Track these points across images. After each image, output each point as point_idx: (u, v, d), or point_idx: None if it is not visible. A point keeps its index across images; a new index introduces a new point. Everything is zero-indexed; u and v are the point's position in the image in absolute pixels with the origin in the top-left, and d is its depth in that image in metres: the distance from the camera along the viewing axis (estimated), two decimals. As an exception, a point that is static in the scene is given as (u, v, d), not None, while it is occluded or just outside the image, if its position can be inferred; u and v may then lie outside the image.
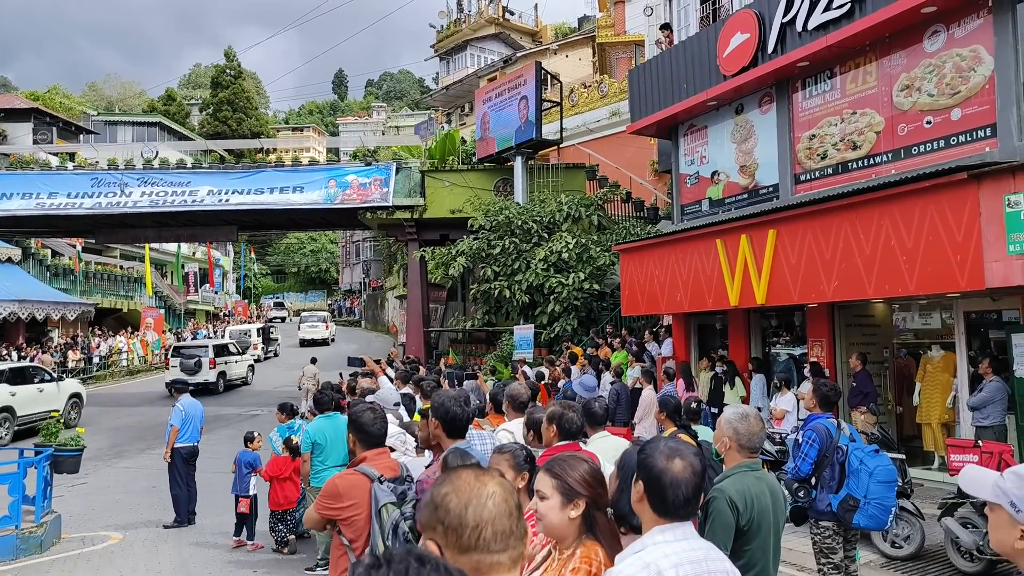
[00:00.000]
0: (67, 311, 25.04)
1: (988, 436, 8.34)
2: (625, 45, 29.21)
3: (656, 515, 2.23)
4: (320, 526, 4.16)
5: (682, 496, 2.21)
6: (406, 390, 9.36)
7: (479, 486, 1.63)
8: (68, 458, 9.85)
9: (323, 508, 3.95)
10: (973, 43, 9.08)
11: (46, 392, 18.42)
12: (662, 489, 2.22)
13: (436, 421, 4.00)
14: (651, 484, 2.24)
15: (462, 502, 1.61)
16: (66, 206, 24.24)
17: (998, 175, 7.78)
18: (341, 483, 3.95)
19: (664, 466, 2.24)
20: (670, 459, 2.25)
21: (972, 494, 1.97)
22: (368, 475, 3.87)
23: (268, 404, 21.22)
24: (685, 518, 2.23)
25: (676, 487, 2.21)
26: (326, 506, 3.93)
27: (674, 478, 2.22)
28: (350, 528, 3.87)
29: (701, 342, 14.33)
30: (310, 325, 43.06)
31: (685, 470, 2.23)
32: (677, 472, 2.22)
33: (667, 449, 2.29)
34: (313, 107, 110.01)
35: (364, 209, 23.57)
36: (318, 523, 4.13)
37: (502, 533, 1.60)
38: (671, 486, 2.21)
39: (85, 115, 50.14)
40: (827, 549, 5.35)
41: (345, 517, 3.87)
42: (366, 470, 3.93)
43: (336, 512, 3.89)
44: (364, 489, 3.84)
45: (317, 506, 4.01)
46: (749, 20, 11.79)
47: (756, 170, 12.52)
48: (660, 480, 2.22)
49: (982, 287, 7.86)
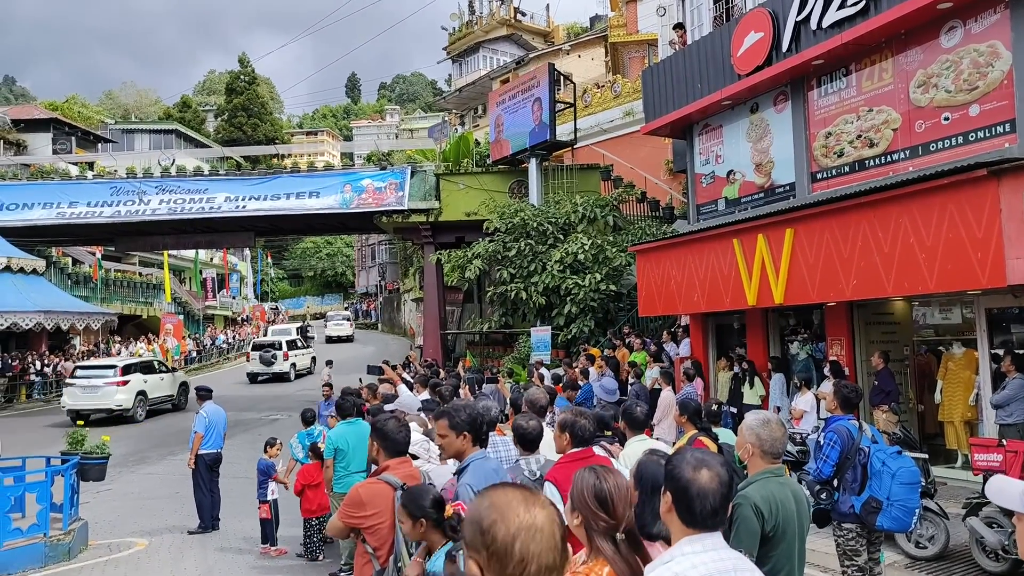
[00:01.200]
0: (91, 320, 25.44)
1: (1012, 434, 8.27)
2: (638, 44, 29.14)
3: (684, 526, 2.25)
4: (344, 534, 4.20)
5: (710, 507, 2.23)
6: (425, 395, 9.41)
7: (528, 518, 1.62)
8: (94, 466, 10.01)
9: (347, 517, 4.00)
10: (990, 38, 9.01)
11: (165, 380, 23.07)
12: (690, 500, 2.23)
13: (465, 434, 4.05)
14: (679, 495, 2.26)
15: (510, 532, 1.61)
16: (86, 215, 24.56)
17: (1018, 171, 7.71)
18: (364, 492, 3.99)
19: (691, 477, 2.26)
20: (697, 470, 2.27)
21: (999, 504, 1.98)
22: (391, 484, 3.92)
23: (288, 408, 21.36)
24: (713, 528, 2.25)
25: (704, 498, 2.22)
26: (350, 515, 3.98)
27: (701, 489, 2.23)
28: (374, 536, 3.92)
29: (719, 342, 14.28)
30: (336, 324, 46.97)
31: (712, 480, 2.25)
32: (704, 483, 2.24)
33: (694, 460, 2.31)
34: (327, 111, 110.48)
35: (380, 213, 23.70)
36: (342, 531, 4.17)
37: (547, 567, 1.61)
38: (699, 497, 2.22)
39: (103, 124, 50.69)
40: (851, 551, 5.34)
41: (369, 526, 3.91)
42: (389, 479, 3.98)
43: (360, 520, 3.94)
44: (387, 498, 3.88)
45: (341, 515, 4.06)
46: (763, 19, 11.75)
47: (772, 169, 12.48)
48: (688, 491, 2.24)
49: (1003, 284, 7.79)
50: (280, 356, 30.06)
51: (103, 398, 20.47)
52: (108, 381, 20.61)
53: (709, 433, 5.90)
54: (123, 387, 20.72)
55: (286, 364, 30.17)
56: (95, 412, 20.56)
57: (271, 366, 29.81)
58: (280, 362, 29.96)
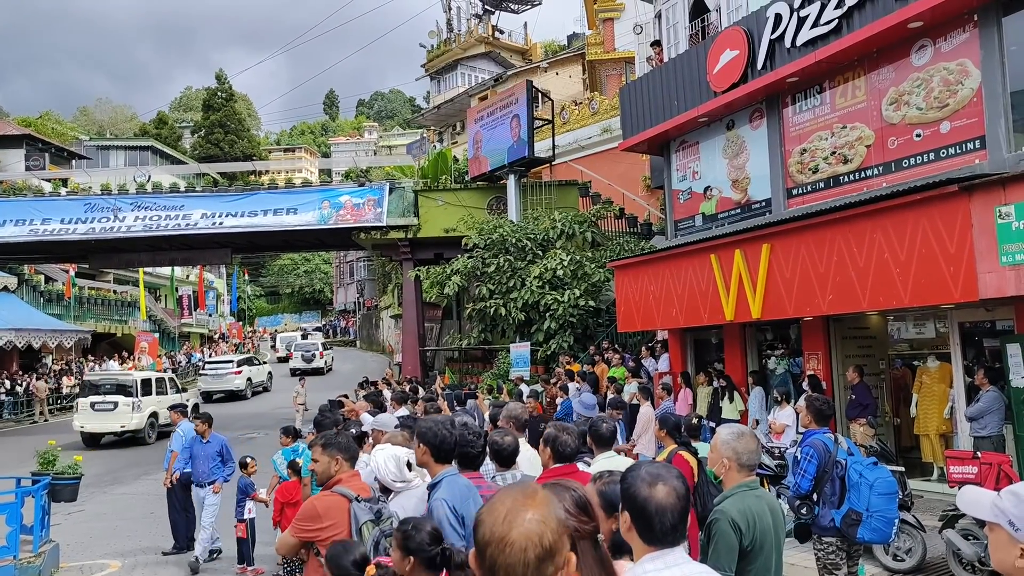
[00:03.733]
0: (63, 339, 25.07)
1: (986, 446, 8.36)
2: (615, 62, 29.41)
3: (644, 544, 2.20)
4: (295, 551, 4.13)
5: (669, 522, 2.18)
6: (402, 411, 9.35)
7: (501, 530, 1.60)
8: (66, 486, 9.79)
9: (302, 531, 3.97)
10: (960, 57, 9.19)
11: (259, 369, 32.86)
12: (648, 517, 2.18)
13: (424, 447, 4.01)
14: (637, 513, 2.21)
15: (484, 539, 1.60)
16: (60, 232, 24.22)
17: (988, 187, 7.85)
18: (320, 504, 3.98)
19: (648, 494, 2.20)
20: (652, 486, 2.22)
21: (971, 514, 1.99)
22: (346, 496, 3.92)
23: (264, 427, 21.14)
24: (674, 544, 2.20)
25: (662, 513, 2.18)
26: (305, 528, 3.95)
27: (659, 505, 2.18)
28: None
29: (697, 357, 14.35)
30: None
31: (669, 495, 2.20)
32: (661, 498, 2.19)
33: (648, 476, 2.25)
34: (305, 127, 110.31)
35: (358, 229, 23.62)
36: (294, 548, 4.11)
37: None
38: (657, 513, 2.18)
39: (77, 140, 50.22)
40: (831, 565, 5.35)
41: (325, 538, 3.89)
42: (343, 491, 3.97)
43: (315, 533, 3.91)
44: (343, 509, 3.88)
45: (295, 530, 4.02)
46: (738, 37, 11.91)
47: (748, 185, 12.60)
48: (645, 508, 2.19)
49: (976, 298, 7.91)
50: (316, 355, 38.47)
51: (227, 383, 29.93)
52: (230, 371, 30.40)
53: (689, 448, 5.90)
54: (238, 375, 30.36)
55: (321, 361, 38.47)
56: (220, 392, 29.91)
57: (310, 363, 37.52)
58: (317, 360, 38.27)
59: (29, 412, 26.64)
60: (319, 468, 4.18)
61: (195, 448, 9.77)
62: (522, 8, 47.37)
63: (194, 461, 9.70)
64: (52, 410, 27.60)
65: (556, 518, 1.66)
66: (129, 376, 21.05)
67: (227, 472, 9.65)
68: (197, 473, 9.64)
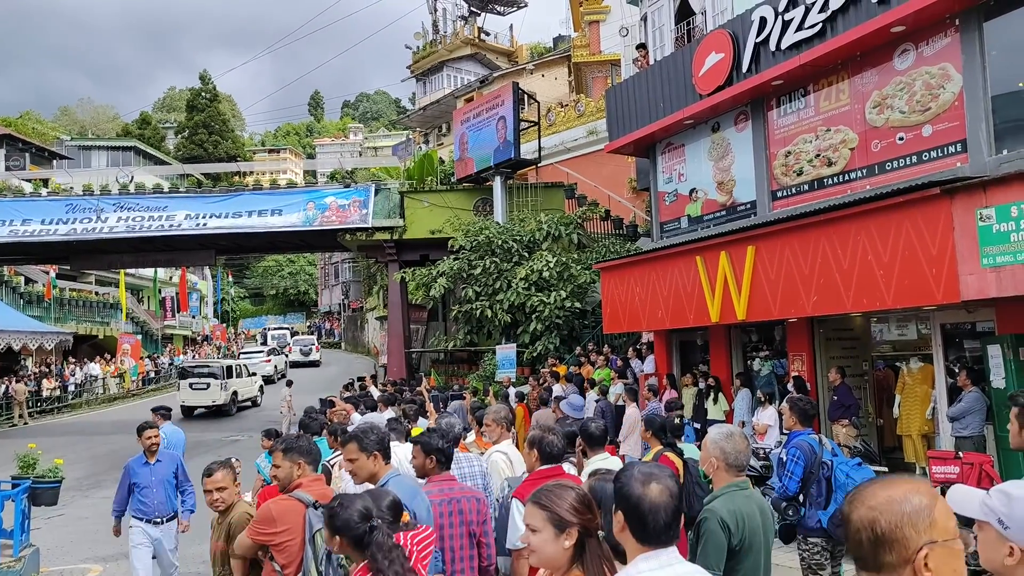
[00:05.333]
0: (44, 340, 24.77)
1: (967, 447, 8.44)
2: (601, 64, 29.49)
3: (638, 543, 2.20)
4: (252, 552, 4.11)
5: (662, 521, 2.18)
6: (389, 413, 9.34)
7: None
8: (47, 490, 9.67)
9: (256, 534, 3.95)
10: (942, 61, 9.28)
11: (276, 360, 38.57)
12: (642, 516, 2.19)
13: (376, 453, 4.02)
14: (630, 512, 2.21)
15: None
16: (40, 233, 23.94)
17: (970, 190, 7.93)
18: (275, 508, 3.96)
19: (642, 492, 2.21)
20: (646, 485, 2.22)
21: (960, 513, 2.00)
22: (303, 501, 3.89)
23: (248, 429, 21.01)
24: (667, 543, 2.20)
25: (656, 512, 2.18)
26: (260, 531, 3.93)
27: (653, 504, 2.19)
28: (283, 553, 3.88)
29: (683, 358, 14.40)
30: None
31: (662, 494, 2.21)
32: (655, 497, 2.20)
33: (642, 475, 2.26)
34: (290, 128, 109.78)
35: (343, 231, 23.52)
36: (250, 549, 4.08)
37: None
38: (651, 512, 2.18)
39: (58, 140, 49.73)
40: (815, 565, 5.38)
41: (278, 543, 3.87)
42: (301, 496, 3.95)
43: (269, 537, 3.89)
44: (298, 514, 3.85)
45: (250, 532, 4.00)
46: (723, 40, 11.97)
47: (733, 187, 12.66)
48: (639, 507, 2.19)
49: (957, 300, 7.99)
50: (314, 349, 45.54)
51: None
52: (262, 360, 36.42)
53: (674, 448, 5.91)
54: (267, 364, 36.58)
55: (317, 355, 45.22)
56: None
57: (308, 357, 43.61)
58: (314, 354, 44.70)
59: (8, 416, 26.33)
60: (281, 474, 4.14)
61: (138, 472, 7.13)
62: (508, 10, 47.39)
63: (139, 491, 7.08)
64: (32, 413, 27.30)
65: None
66: (218, 363, 27.44)
67: (189, 502, 7.39)
68: (146, 507, 7.09)
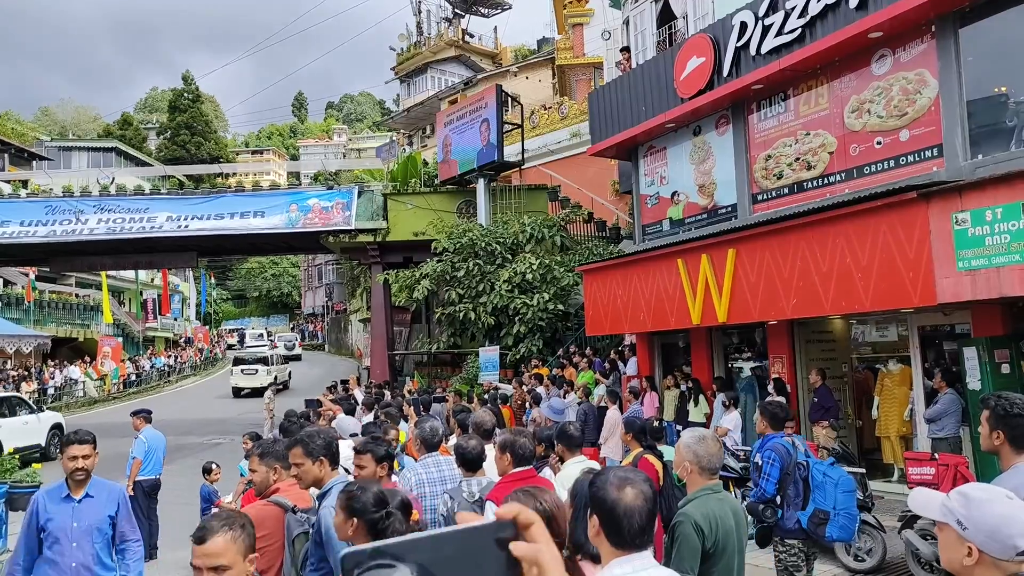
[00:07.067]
0: (23, 343, 24.54)
1: (943, 448, 8.55)
2: (584, 67, 29.58)
3: (613, 547, 2.22)
4: None
5: (637, 525, 2.20)
6: (369, 417, 9.32)
7: None
8: (24, 495, 9.58)
9: None
10: (918, 67, 9.40)
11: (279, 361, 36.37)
12: (617, 520, 2.20)
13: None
14: (605, 516, 2.22)
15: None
16: (19, 235, 23.70)
17: (946, 194, 8.03)
18: (254, 513, 3.95)
19: (616, 497, 2.22)
20: (621, 489, 2.24)
21: (921, 514, 2.05)
22: (282, 505, 3.90)
23: (229, 432, 20.88)
24: (642, 547, 2.21)
25: (631, 516, 2.19)
26: None
27: (628, 508, 2.20)
28: (262, 558, 3.88)
29: (665, 360, 14.47)
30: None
31: (637, 498, 2.22)
32: (629, 501, 2.21)
33: (617, 479, 2.27)
34: (273, 130, 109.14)
35: (327, 233, 23.45)
36: None
37: None
38: (626, 516, 2.19)
39: (38, 141, 49.16)
40: (792, 567, 5.43)
41: (258, 548, 3.87)
42: (280, 500, 3.95)
43: None
44: (277, 519, 3.86)
45: None
46: (704, 44, 12.05)
47: (715, 190, 12.75)
48: (614, 511, 2.21)
49: (934, 303, 8.08)
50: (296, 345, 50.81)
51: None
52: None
53: (654, 451, 5.95)
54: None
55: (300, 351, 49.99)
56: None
57: (292, 350, 46.77)
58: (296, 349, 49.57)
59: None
60: (257, 479, 4.14)
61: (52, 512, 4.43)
62: (492, 12, 47.47)
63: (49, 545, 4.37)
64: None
65: None
66: (265, 352, 34.44)
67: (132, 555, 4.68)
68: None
